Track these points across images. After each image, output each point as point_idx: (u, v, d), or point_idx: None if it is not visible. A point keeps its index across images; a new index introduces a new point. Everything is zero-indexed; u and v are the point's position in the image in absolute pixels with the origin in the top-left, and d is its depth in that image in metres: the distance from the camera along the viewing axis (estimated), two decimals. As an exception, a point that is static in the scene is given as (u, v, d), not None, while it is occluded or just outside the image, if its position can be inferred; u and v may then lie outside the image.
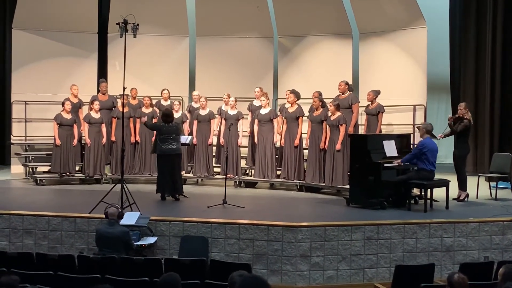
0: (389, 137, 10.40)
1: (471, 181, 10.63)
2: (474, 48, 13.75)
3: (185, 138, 10.88)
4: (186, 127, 12.20)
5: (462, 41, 14.10)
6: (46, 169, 12.18)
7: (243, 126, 12.19)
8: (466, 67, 13.94)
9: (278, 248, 8.00)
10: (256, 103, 12.23)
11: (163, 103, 12.59)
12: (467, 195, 10.29)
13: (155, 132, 11.09)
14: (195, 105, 12.54)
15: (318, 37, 13.45)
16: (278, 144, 11.92)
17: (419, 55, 12.07)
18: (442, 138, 10.55)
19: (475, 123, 12.27)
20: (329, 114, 10.90)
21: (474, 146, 13.24)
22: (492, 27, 13.30)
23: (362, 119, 11.87)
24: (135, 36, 9.56)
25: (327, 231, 8.06)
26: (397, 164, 9.57)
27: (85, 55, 13.38)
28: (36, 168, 12.35)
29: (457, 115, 10.32)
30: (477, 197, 10.50)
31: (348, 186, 10.26)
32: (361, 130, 11.76)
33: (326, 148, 10.91)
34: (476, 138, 13.34)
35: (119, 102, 11.89)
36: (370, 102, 11.43)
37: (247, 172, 12.47)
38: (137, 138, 12.23)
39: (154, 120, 12.06)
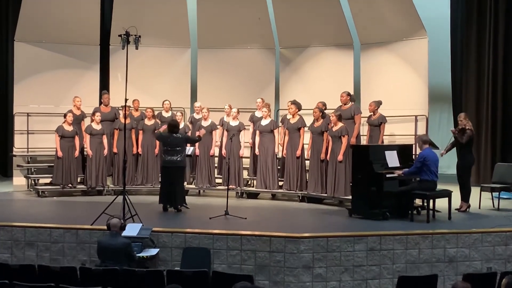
0: (391, 147, 10.40)
1: (474, 191, 10.60)
2: (475, 58, 13.78)
3: (186, 149, 10.86)
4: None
5: (464, 52, 14.12)
6: (48, 180, 12.18)
7: (245, 137, 12.20)
8: (467, 78, 13.95)
9: (280, 259, 7.98)
10: (258, 114, 12.24)
11: (164, 114, 12.61)
12: (469, 206, 10.28)
13: (157, 143, 11.08)
14: (197, 116, 12.56)
15: (319, 48, 13.47)
16: (279, 155, 11.92)
17: (421, 65, 12.07)
18: (445, 154, 10.56)
19: (477, 133, 12.28)
20: (331, 125, 10.90)
21: (477, 156, 13.19)
22: (493, 37, 13.33)
23: (364, 130, 11.86)
24: (137, 48, 9.57)
25: (330, 242, 8.04)
26: (397, 175, 9.57)
27: (87, 66, 13.41)
28: (38, 180, 12.33)
29: (460, 127, 10.31)
30: (479, 208, 10.48)
31: (350, 197, 10.25)
32: (363, 141, 11.75)
33: (328, 159, 10.91)
34: (478, 149, 13.33)
35: (121, 113, 11.90)
36: (372, 113, 11.43)
37: (249, 183, 12.46)
38: (139, 149, 12.24)
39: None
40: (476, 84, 13.74)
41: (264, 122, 11.83)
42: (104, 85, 13.53)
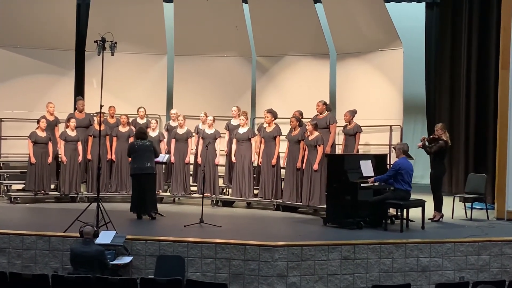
0: (366, 157, 10.46)
1: (447, 201, 10.71)
2: (449, 69, 13.91)
3: (162, 157, 10.82)
4: (163, 146, 12.15)
5: (438, 63, 14.26)
6: (21, 187, 12.05)
7: (221, 145, 12.19)
8: (441, 88, 14.09)
9: (254, 267, 7.98)
10: (234, 122, 12.24)
11: (139, 121, 12.54)
12: (442, 216, 10.36)
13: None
14: (172, 124, 12.51)
15: (296, 57, 13.55)
16: (255, 163, 11.93)
17: (395, 76, 12.20)
18: (421, 147, 10.48)
19: (450, 143, 12.37)
20: (307, 133, 10.93)
21: (449, 166, 13.31)
22: (467, 49, 13.46)
23: (340, 139, 11.93)
24: (113, 54, 9.52)
25: (304, 251, 8.05)
26: (371, 184, 9.63)
27: (62, 72, 13.32)
28: (10, 186, 12.20)
29: (432, 136, 10.41)
30: (452, 218, 10.57)
31: (325, 206, 10.28)
32: (339, 150, 11.81)
33: (303, 168, 10.94)
34: (451, 159, 13.44)
35: (96, 120, 11.82)
36: (348, 123, 11.49)
37: (224, 191, 12.45)
38: (113, 156, 12.14)
39: (131, 139, 11.95)
40: (450, 95, 13.87)
41: (242, 130, 11.83)
42: (79, 91, 13.43)
